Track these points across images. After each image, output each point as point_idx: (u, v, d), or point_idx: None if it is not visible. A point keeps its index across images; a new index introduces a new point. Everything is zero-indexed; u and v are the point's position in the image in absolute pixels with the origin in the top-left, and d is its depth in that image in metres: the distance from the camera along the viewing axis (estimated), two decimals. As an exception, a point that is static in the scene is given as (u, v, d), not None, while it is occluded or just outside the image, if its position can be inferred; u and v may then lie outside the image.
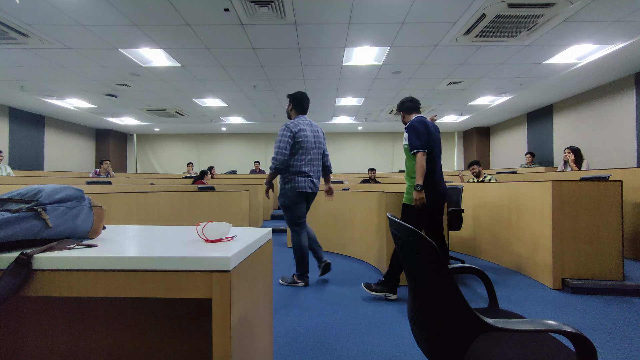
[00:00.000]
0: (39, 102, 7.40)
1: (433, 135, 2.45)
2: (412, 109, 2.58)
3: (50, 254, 0.76)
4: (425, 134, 2.36)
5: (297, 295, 2.56)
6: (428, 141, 2.37)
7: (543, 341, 0.92)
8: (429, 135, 2.39)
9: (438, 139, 2.53)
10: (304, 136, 2.72)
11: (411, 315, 0.95)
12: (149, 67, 5.19)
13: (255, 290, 0.97)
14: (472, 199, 3.92)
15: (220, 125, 10.32)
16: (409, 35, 4.14)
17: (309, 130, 2.77)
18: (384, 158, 11.80)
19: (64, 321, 1.12)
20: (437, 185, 2.44)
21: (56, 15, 3.58)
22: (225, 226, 0.95)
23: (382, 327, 1.98)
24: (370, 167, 7.49)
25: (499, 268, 3.35)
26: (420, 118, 2.46)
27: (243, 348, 0.84)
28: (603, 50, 4.63)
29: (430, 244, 0.76)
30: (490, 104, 7.81)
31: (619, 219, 2.62)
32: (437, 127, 2.56)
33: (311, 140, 2.77)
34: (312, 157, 2.77)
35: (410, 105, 2.58)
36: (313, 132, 2.81)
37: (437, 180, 2.44)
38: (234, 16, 3.64)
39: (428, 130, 2.40)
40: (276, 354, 1.67)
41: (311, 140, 2.77)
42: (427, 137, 2.36)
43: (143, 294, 0.74)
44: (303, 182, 2.72)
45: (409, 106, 2.58)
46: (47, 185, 0.89)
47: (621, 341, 1.81)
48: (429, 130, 2.41)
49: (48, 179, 6.45)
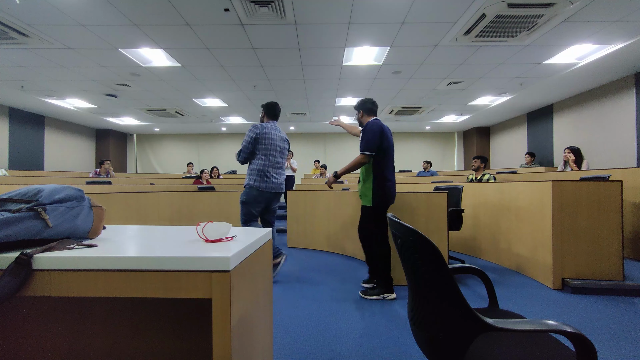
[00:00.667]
0: (39, 102, 7.40)
1: (389, 138, 2.53)
2: (372, 112, 2.68)
3: (50, 254, 0.76)
4: (379, 138, 2.47)
5: (297, 296, 2.56)
6: (380, 145, 2.48)
7: (543, 341, 0.92)
8: (383, 139, 2.48)
9: (392, 141, 2.62)
10: (269, 138, 2.91)
11: (411, 315, 0.95)
12: (149, 67, 5.19)
13: (255, 290, 0.97)
14: (472, 199, 3.92)
15: (220, 125, 10.32)
16: (409, 35, 4.14)
17: (275, 134, 2.98)
18: (384, 158, 11.78)
19: (64, 321, 1.12)
20: (392, 187, 2.55)
21: (56, 15, 3.58)
22: (225, 226, 0.95)
23: (382, 327, 1.98)
24: None
25: (499, 268, 3.35)
26: (376, 121, 2.55)
27: (243, 348, 0.84)
28: (603, 50, 4.63)
29: (431, 244, 0.76)
30: (490, 104, 7.81)
31: (619, 219, 2.62)
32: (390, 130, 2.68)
33: (276, 143, 2.97)
34: (276, 160, 2.98)
35: (372, 107, 2.68)
36: (279, 137, 3.02)
37: (393, 183, 2.56)
38: (234, 16, 3.64)
39: (383, 134, 2.49)
40: (276, 354, 1.67)
41: (276, 143, 2.97)
42: (379, 142, 2.47)
43: (143, 294, 0.74)
44: (266, 182, 2.88)
45: (370, 108, 2.68)
46: (47, 185, 0.89)
47: (621, 341, 1.81)
48: (384, 135, 2.49)
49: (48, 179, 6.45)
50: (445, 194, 2.84)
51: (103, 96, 6.91)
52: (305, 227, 4.50)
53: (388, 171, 2.52)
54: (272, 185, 2.91)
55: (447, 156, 11.78)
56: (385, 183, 2.49)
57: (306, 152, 11.74)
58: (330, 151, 11.84)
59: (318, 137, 11.84)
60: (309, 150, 11.78)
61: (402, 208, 2.88)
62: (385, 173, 2.50)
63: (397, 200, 2.89)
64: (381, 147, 2.47)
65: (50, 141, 9.13)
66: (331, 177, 2.67)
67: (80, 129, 10.29)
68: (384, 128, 2.51)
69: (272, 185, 2.91)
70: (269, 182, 2.89)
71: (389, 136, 2.53)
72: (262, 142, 2.87)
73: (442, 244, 2.79)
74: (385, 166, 2.51)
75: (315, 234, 4.43)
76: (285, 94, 6.90)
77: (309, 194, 4.48)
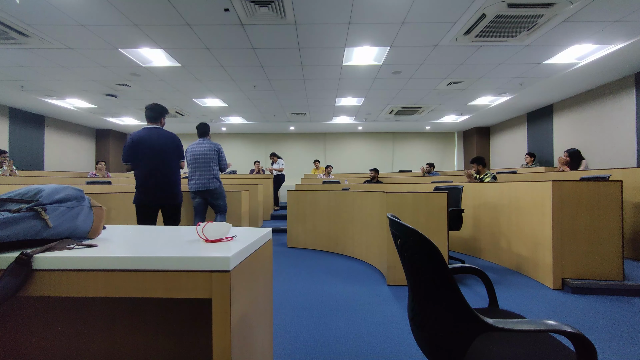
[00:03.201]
0: (39, 102, 7.40)
1: (143, 147, 2.91)
2: (152, 118, 3.06)
3: (50, 254, 0.76)
4: (129, 147, 2.89)
5: (297, 296, 2.56)
6: (131, 154, 2.90)
7: (543, 341, 0.92)
8: (132, 149, 2.89)
9: (151, 147, 2.93)
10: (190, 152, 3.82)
11: (411, 315, 0.95)
12: (149, 67, 5.19)
13: (255, 290, 0.97)
14: (472, 199, 3.92)
15: (220, 125, 10.32)
16: (409, 35, 4.14)
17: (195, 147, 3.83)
18: (384, 158, 11.80)
19: (64, 321, 1.12)
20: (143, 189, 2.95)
21: (56, 15, 3.58)
22: (225, 226, 0.95)
23: (382, 327, 1.98)
24: (373, 168, 7.37)
25: (499, 268, 3.35)
26: (135, 133, 2.96)
27: (243, 348, 0.84)
28: (603, 50, 4.63)
29: (431, 244, 0.76)
30: (490, 104, 7.81)
31: (619, 219, 2.62)
32: (161, 135, 3.01)
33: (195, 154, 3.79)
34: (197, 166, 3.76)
35: (150, 115, 3.05)
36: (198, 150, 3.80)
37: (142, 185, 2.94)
38: (234, 16, 3.64)
39: (134, 144, 2.89)
40: (276, 354, 1.67)
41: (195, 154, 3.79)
42: (129, 151, 2.90)
43: (143, 294, 0.74)
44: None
45: (150, 115, 3.04)
46: (47, 185, 0.89)
47: (621, 341, 1.81)
48: (135, 144, 2.89)
49: (48, 179, 6.46)
50: (445, 194, 2.84)
51: (103, 96, 6.91)
52: (305, 227, 4.50)
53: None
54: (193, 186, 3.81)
55: (447, 156, 11.78)
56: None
57: (306, 152, 11.75)
58: (330, 151, 11.84)
59: (318, 137, 11.84)
60: (309, 150, 11.79)
61: (402, 208, 2.88)
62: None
63: (397, 200, 2.89)
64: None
65: (50, 141, 9.13)
66: None
67: (80, 129, 10.29)
68: (134, 139, 2.91)
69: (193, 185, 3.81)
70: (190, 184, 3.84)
71: (144, 144, 2.92)
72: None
73: (442, 244, 2.79)
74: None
75: (315, 234, 4.43)
76: (285, 94, 6.90)
77: (309, 194, 4.48)
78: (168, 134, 3.06)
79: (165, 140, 3.01)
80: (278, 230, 5.40)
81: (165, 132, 3.06)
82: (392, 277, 2.82)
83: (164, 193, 2.99)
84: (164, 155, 3.00)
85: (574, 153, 5.55)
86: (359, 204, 3.78)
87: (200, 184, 3.73)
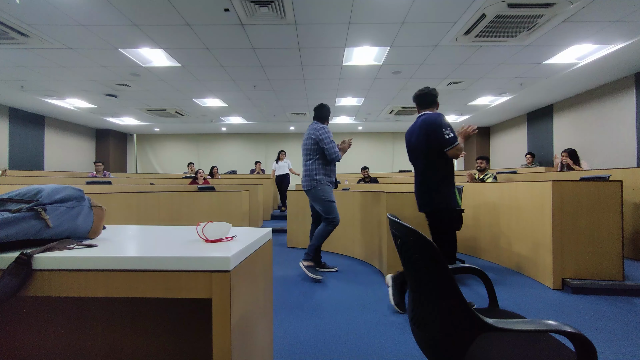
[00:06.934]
0: (39, 102, 7.40)
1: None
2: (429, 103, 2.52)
3: (50, 254, 0.76)
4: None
5: (296, 296, 2.56)
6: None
7: (543, 341, 0.92)
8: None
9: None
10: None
11: (411, 315, 0.95)
12: (149, 67, 5.19)
13: (255, 290, 0.97)
14: (472, 199, 3.92)
15: (220, 125, 10.32)
16: (409, 35, 4.14)
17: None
18: (384, 158, 11.80)
19: (64, 321, 1.12)
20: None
21: (56, 15, 3.58)
22: (225, 226, 0.95)
23: (382, 327, 1.98)
24: (363, 166, 7.37)
25: (499, 268, 3.35)
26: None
27: (243, 348, 0.84)
28: (603, 50, 4.63)
29: (431, 244, 0.76)
30: (490, 104, 7.81)
31: (619, 219, 2.62)
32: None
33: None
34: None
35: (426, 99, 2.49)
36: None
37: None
38: (234, 16, 3.64)
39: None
40: (276, 354, 1.67)
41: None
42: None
43: (143, 294, 0.74)
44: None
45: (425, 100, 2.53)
46: (47, 185, 0.89)
47: (621, 341, 1.81)
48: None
49: (48, 179, 6.45)
50: (445, 194, 2.83)
51: (103, 96, 6.91)
52: (305, 227, 4.49)
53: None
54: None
55: (447, 156, 11.76)
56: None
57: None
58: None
59: (318, 137, 11.82)
60: (309, 150, 11.77)
61: (402, 208, 2.88)
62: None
63: (397, 200, 2.89)
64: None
65: (50, 141, 9.13)
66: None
67: (80, 129, 10.29)
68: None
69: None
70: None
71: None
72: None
73: (442, 244, 2.78)
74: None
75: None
76: (285, 94, 6.90)
77: (309, 194, 4.46)
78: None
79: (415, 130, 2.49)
80: (278, 230, 5.40)
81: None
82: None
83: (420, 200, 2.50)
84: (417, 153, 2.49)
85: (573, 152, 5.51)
86: (359, 204, 3.77)
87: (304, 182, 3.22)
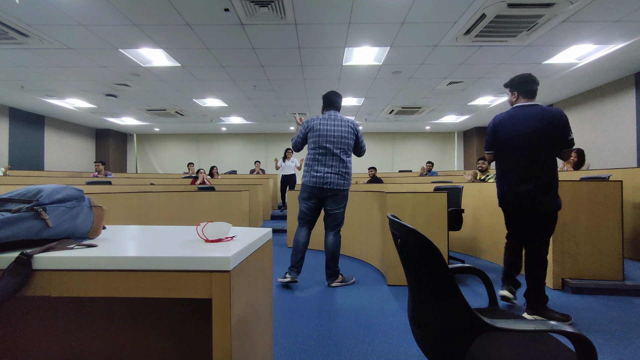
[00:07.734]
0: (39, 102, 7.40)
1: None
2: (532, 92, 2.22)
3: (50, 254, 0.76)
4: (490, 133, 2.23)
5: (296, 296, 2.56)
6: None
7: (543, 341, 0.92)
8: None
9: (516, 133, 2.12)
10: (317, 129, 2.74)
11: (411, 315, 0.95)
12: (149, 67, 5.19)
13: (255, 290, 0.97)
14: (472, 199, 3.92)
15: (220, 125, 10.32)
16: (409, 35, 4.14)
17: (326, 123, 2.76)
18: (384, 158, 11.80)
19: (64, 321, 1.12)
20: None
21: (56, 15, 3.58)
22: (225, 226, 0.95)
23: (382, 327, 1.98)
24: (370, 166, 7.43)
25: (499, 268, 3.35)
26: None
27: (243, 348, 0.84)
28: (603, 50, 4.63)
29: (431, 244, 0.76)
30: (490, 104, 7.81)
31: (619, 219, 2.62)
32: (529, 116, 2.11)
33: (324, 134, 2.72)
34: (325, 152, 2.71)
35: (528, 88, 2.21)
36: (333, 126, 2.74)
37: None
38: (234, 16, 3.64)
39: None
40: (276, 354, 1.67)
41: (324, 134, 2.72)
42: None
43: (143, 294, 0.74)
44: (308, 175, 2.76)
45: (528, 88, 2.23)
46: (47, 185, 0.89)
47: (621, 341, 1.81)
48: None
49: (48, 179, 6.46)
50: (445, 194, 2.84)
51: (103, 96, 6.91)
52: (305, 227, 4.49)
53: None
54: (316, 179, 2.68)
55: (447, 156, 11.78)
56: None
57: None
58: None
59: (318, 137, 11.83)
60: (309, 150, 11.78)
61: (402, 208, 2.88)
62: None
63: (397, 200, 2.89)
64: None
65: (50, 141, 9.13)
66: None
67: (80, 129, 10.29)
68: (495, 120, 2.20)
69: (314, 180, 2.69)
70: (311, 175, 2.72)
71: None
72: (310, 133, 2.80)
73: (442, 244, 2.79)
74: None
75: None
76: (285, 94, 6.90)
77: (309, 194, 4.47)
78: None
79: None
80: (278, 230, 5.39)
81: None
82: (392, 277, 2.82)
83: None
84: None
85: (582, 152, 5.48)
86: (359, 204, 3.77)
87: (326, 179, 2.72)
